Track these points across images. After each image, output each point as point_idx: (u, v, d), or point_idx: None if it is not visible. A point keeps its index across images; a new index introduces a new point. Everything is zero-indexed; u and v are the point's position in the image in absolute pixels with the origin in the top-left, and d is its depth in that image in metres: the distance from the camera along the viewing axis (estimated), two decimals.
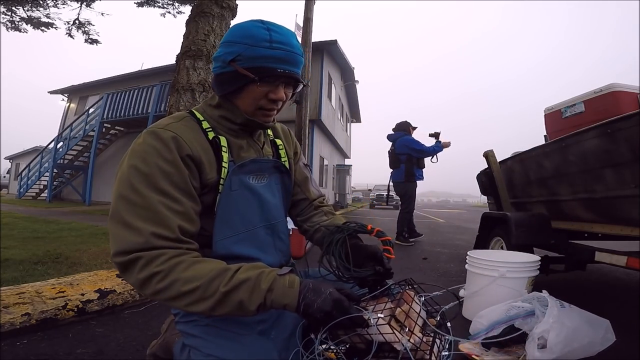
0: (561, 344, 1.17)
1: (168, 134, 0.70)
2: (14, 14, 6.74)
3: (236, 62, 0.73)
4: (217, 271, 0.64)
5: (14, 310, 1.36)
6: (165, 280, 0.62)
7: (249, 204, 0.82)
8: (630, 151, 1.53)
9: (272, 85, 0.75)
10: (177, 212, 0.67)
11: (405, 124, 4.60)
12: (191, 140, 0.73)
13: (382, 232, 0.86)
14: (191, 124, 0.76)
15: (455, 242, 5.02)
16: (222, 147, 0.77)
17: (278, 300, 0.64)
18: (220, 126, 0.80)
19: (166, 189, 0.67)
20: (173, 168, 0.68)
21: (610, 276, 2.88)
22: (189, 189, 0.70)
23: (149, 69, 13.03)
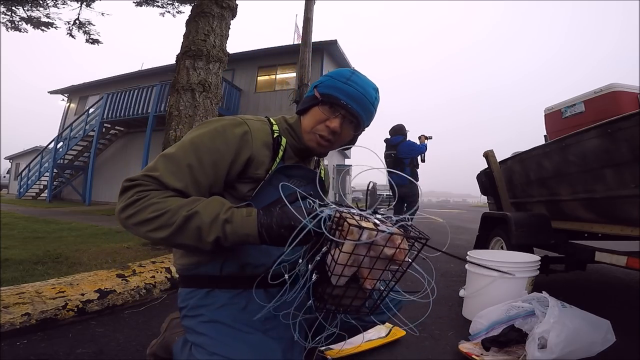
0: (562, 344, 1.17)
1: (244, 127, 0.81)
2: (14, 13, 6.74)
3: (317, 88, 0.86)
4: (188, 201, 0.69)
5: (14, 310, 1.36)
6: (140, 205, 0.68)
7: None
8: (630, 151, 1.53)
9: (332, 114, 0.83)
10: (195, 179, 0.75)
11: (403, 128, 4.72)
12: (258, 138, 0.82)
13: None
14: (265, 126, 0.86)
15: (455, 242, 5.03)
16: (281, 145, 0.85)
17: (238, 231, 0.66)
18: (286, 136, 0.89)
19: (203, 159, 0.76)
20: (223, 153, 0.77)
21: (610, 276, 2.88)
22: (221, 171, 0.78)
23: (149, 69, 13.03)
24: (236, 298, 0.81)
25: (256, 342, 0.76)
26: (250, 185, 0.82)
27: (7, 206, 8.44)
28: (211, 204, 0.69)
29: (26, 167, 12.92)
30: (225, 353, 0.73)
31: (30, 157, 15.37)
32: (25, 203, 10.32)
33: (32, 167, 12.57)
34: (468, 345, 1.35)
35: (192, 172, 0.74)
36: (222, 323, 0.77)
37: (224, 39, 3.94)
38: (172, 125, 3.49)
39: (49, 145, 12.02)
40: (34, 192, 12.62)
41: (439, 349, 1.40)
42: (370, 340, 1.37)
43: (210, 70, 3.73)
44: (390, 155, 4.70)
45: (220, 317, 0.78)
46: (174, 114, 3.52)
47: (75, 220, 5.77)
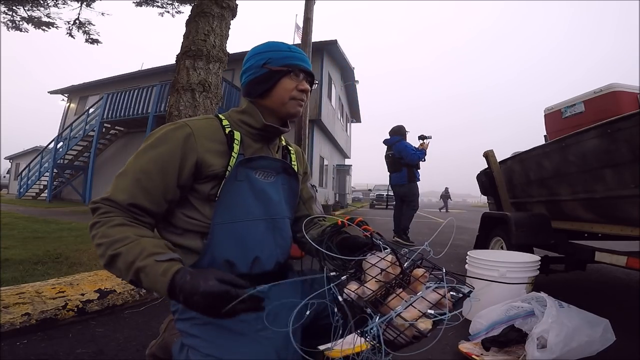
0: (561, 343, 1.17)
1: (186, 130, 0.81)
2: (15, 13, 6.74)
3: (269, 64, 0.88)
4: (122, 235, 0.70)
5: (14, 310, 1.36)
6: (96, 230, 0.72)
7: (251, 196, 0.86)
8: (630, 151, 1.53)
9: (299, 79, 0.89)
10: (145, 189, 0.76)
11: (401, 129, 4.74)
12: (203, 136, 0.82)
13: (351, 218, 0.89)
14: (212, 122, 0.87)
15: (455, 242, 5.02)
16: (235, 140, 0.85)
17: (149, 284, 0.66)
18: (240, 129, 0.89)
19: (150, 169, 0.77)
20: (167, 159, 0.78)
21: (610, 276, 2.88)
22: (170, 177, 0.79)
23: (149, 69, 13.03)
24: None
25: (250, 342, 0.76)
26: (210, 183, 0.82)
27: (7, 206, 8.44)
28: (134, 248, 0.69)
29: (26, 167, 12.92)
30: (219, 354, 0.73)
31: (30, 157, 15.38)
32: (25, 203, 10.32)
33: (32, 167, 12.57)
34: (468, 345, 1.35)
35: (141, 184, 0.76)
36: (214, 324, 0.77)
37: (224, 39, 3.95)
38: None
39: (49, 145, 12.03)
40: (34, 192, 12.62)
41: (439, 349, 1.39)
42: None
43: (210, 70, 3.73)
44: (388, 155, 4.74)
45: (213, 320, 0.75)
46: (174, 114, 3.52)
47: (75, 220, 5.77)
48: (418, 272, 0.73)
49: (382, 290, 0.70)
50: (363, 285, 0.71)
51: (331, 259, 0.79)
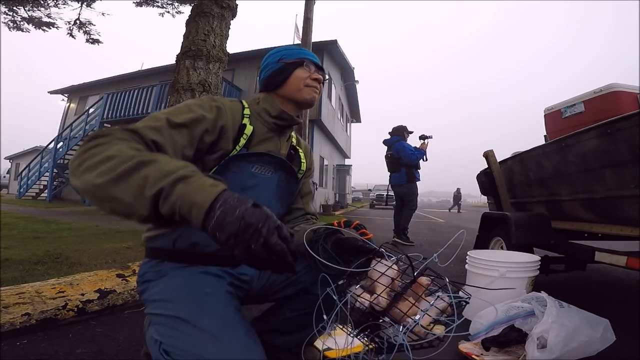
0: (561, 343, 1.17)
1: (218, 103, 0.88)
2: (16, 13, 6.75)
3: (285, 59, 0.98)
4: (153, 153, 0.61)
5: (14, 310, 1.36)
6: (102, 146, 0.59)
7: (238, 188, 0.87)
8: (630, 151, 1.53)
9: (311, 70, 0.98)
10: (171, 135, 0.74)
11: (401, 129, 4.73)
12: (229, 115, 0.88)
13: (348, 221, 0.89)
14: (237, 106, 0.93)
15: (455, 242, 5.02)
16: (244, 134, 0.90)
17: (187, 195, 0.52)
18: (259, 117, 0.95)
19: (182, 116, 0.78)
20: (200, 116, 0.81)
21: (610, 276, 2.88)
22: (196, 132, 0.80)
23: (149, 69, 13.04)
24: (181, 270, 0.84)
25: (203, 300, 0.78)
26: (216, 160, 0.86)
27: (7, 206, 8.44)
28: (176, 161, 0.58)
29: (26, 167, 12.92)
30: (174, 312, 0.75)
31: (30, 157, 15.37)
32: (25, 203, 10.32)
33: (32, 167, 12.57)
34: (468, 345, 1.35)
35: (170, 126, 0.74)
36: (171, 289, 0.81)
37: (224, 39, 3.95)
38: None
39: (49, 145, 12.03)
40: (34, 192, 12.62)
41: (439, 348, 1.39)
42: None
43: (210, 70, 3.73)
44: (388, 155, 4.74)
45: (169, 285, 0.82)
46: None
47: (75, 220, 5.77)
48: (423, 281, 0.76)
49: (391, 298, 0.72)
50: (378, 295, 0.71)
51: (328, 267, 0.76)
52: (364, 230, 0.86)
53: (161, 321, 0.77)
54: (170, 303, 0.78)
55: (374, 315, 0.70)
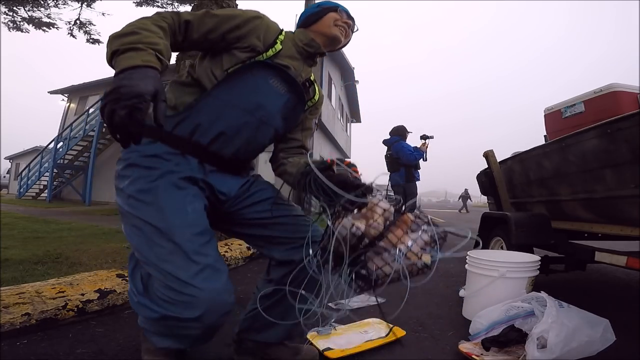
0: (561, 343, 1.17)
1: (260, 15, 1.02)
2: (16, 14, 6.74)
3: (320, 5, 1.13)
4: (151, 28, 0.81)
5: (14, 310, 1.36)
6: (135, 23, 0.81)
7: (254, 91, 0.99)
8: (630, 151, 1.53)
9: (342, 16, 1.12)
10: (200, 19, 0.93)
11: (401, 129, 4.73)
12: (264, 27, 1.01)
13: (340, 159, 0.98)
14: (276, 26, 1.05)
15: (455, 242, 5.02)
16: (274, 48, 1.01)
17: (123, 59, 0.71)
18: (291, 41, 1.07)
19: (216, 13, 0.96)
20: (235, 14, 0.97)
21: (610, 276, 2.88)
22: (222, 26, 0.95)
23: None
24: (171, 155, 0.93)
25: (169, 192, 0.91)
26: (245, 57, 0.97)
27: (7, 206, 8.44)
28: (152, 37, 0.77)
29: (26, 167, 12.92)
30: (146, 219, 0.89)
31: (30, 157, 15.36)
32: (25, 203, 10.33)
33: (32, 167, 12.56)
34: (468, 345, 1.35)
35: (206, 15, 0.93)
36: (143, 167, 0.92)
37: None
38: None
39: (49, 145, 12.02)
40: (34, 192, 12.61)
41: (439, 349, 1.39)
42: (370, 340, 1.37)
43: None
44: (387, 155, 4.74)
45: (146, 162, 0.92)
46: None
47: (75, 220, 5.77)
48: (409, 217, 0.85)
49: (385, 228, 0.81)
50: (374, 222, 0.81)
51: (328, 194, 0.87)
52: (355, 168, 0.95)
53: (132, 222, 0.92)
54: (142, 209, 0.90)
55: (370, 241, 0.79)
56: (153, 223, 0.88)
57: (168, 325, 0.89)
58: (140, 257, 0.91)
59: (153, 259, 0.87)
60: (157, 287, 0.88)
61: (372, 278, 0.79)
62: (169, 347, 0.97)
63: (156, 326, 0.94)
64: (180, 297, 0.83)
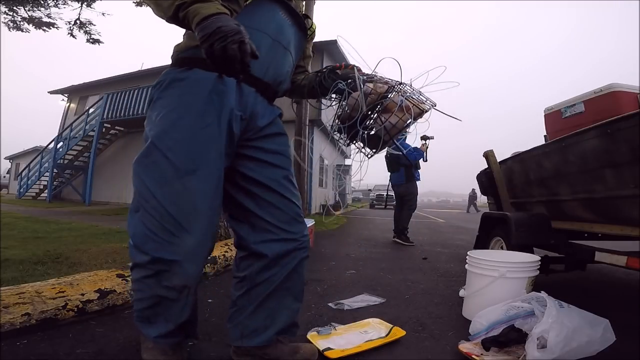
0: (561, 343, 1.17)
1: None
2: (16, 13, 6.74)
3: None
4: None
5: (14, 310, 1.36)
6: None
7: (273, 18, 1.04)
8: (630, 151, 1.53)
9: None
10: None
11: None
12: None
13: (346, 64, 1.23)
14: None
15: (455, 242, 5.03)
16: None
17: (197, 9, 0.78)
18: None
19: None
20: None
21: (610, 276, 2.88)
22: None
23: (149, 69, 13.02)
24: (211, 81, 0.94)
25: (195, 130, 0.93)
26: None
27: (7, 206, 8.44)
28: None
29: (26, 167, 12.92)
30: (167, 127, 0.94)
31: (30, 157, 15.36)
32: (25, 203, 10.33)
33: (32, 167, 12.57)
34: (468, 345, 1.35)
35: None
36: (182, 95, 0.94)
37: None
38: None
39: (49, 145, 12.03)
40: (34, 192, 12.62)
41: (439, 349, 1.39)
42: (370, 340, 1.37)
43: None
44: (387, 155, 4.74)
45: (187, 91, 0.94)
46: None
47: (75, 220, 5.77)
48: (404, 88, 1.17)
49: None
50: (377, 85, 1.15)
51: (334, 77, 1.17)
52: (358, 68, 1.19)
53: (152, 157, 0.95)
54: (168, 142, 0.93)
55: (376, 103, 1.09)
56: (174, 160, 0.91)
57: (152, 283, 0.94)
58: (144, 195, 0.93)
59: (159, 196, 0.91)
60: (150, 226, 0.91)
61: (382, 131, 1.10)
62: (160, 335, 0.99)
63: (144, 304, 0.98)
64: (171, 238, 0.90)
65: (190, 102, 0.93)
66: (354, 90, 1.12)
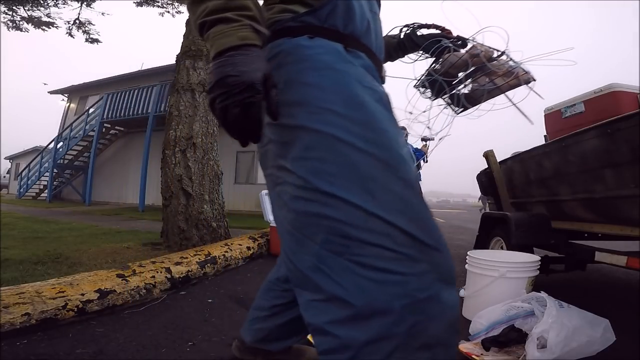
0: (561, 343, 1.17)
1: None
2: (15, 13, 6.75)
3: None
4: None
5: (14, 310, 1.36)
6: None
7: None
8: (630, 151, 1.53)
9: None
10: None
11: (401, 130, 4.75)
12: None
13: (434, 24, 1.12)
14: None
15: (455, 242, 5.03)
16: None
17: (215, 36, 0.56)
18: None
19: None
20: None
21: (610, 276, 2.88)
22: None
23: (149, 69, 13.02)
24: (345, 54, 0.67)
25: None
26: None
27: (7, 206, 8.44)
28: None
29: (26, 167, 12.94)
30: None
31: (30, 157, 15.37)
32: (25, 203, 10.33)
33: (32, 167, 12.58)
34: (468, 345, 1.35)
35: None
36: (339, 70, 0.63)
37: None
38: (172, 125, 3.49)
39: (49, 145, 12.04)
40: (34, 192, 12.63)
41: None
42: None
43: None
44: None
45: (333, 62, 0.64)
46: (174, 114, 3.52)
47: (75, 220, 5.77)
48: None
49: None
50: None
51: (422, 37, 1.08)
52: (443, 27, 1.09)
53: (342, 150, 0.59)
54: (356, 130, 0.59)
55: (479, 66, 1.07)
56: (373, 152, 0.58)
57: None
58: (342, 210, 0.56)
59: (371, 208, 0.55)
60: (373, 254, 0.54)
61: (483, 92, 1.09)
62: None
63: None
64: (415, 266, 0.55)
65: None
66: (459, 48, 1.09)
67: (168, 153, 3.42)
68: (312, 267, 0.57)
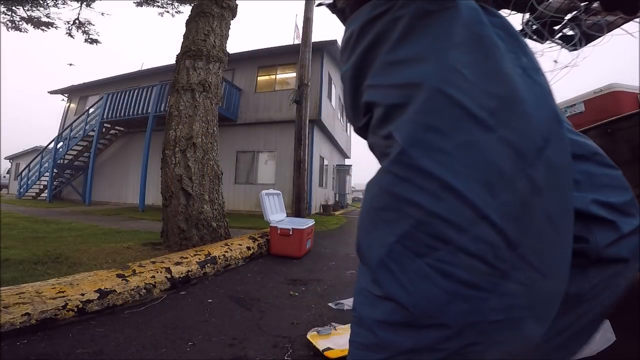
0: None
1: None
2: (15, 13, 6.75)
3: None
4: None
5: (14, 310, 1.36)
6: None
7: None
8: (630, 151, 1.53)
9: None
10: None
11: None
12: None
13: None
14: None
15: None
16: None
17: None
18: None
19: None
20: None
21: None
22: None
23: (149, 69, 13.02)
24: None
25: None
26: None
27: (7, 206, 8.44)
28: None
29: (26, 167, 12.92)
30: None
31: (30, 157, 15.39)
32: (25, 203, 10.33)
33: (32, 167, 12.58)
34: None
35: None
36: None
37: (224, 39, 3.95)
38: (172, 125, 3.49)
39: (49, 145, 12.04)
40: (34, 192, 12.63)
41: None
42: None
43: (210, 70, 3.73)
44: None
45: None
46: (174, 114, 3.52)
47: (75, 220, 5.77)
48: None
49: None
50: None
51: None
52: None
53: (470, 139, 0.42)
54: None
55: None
56: (506, 136, 0.42)
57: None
58: (446, 203, 0.41)
59: (486, 209, 0.40)
60: (467, 265, 0.41)
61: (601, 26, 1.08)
62: None
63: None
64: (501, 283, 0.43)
65: None
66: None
67: (168, 153, 3.42)
68: (378, 260, 0.46)
